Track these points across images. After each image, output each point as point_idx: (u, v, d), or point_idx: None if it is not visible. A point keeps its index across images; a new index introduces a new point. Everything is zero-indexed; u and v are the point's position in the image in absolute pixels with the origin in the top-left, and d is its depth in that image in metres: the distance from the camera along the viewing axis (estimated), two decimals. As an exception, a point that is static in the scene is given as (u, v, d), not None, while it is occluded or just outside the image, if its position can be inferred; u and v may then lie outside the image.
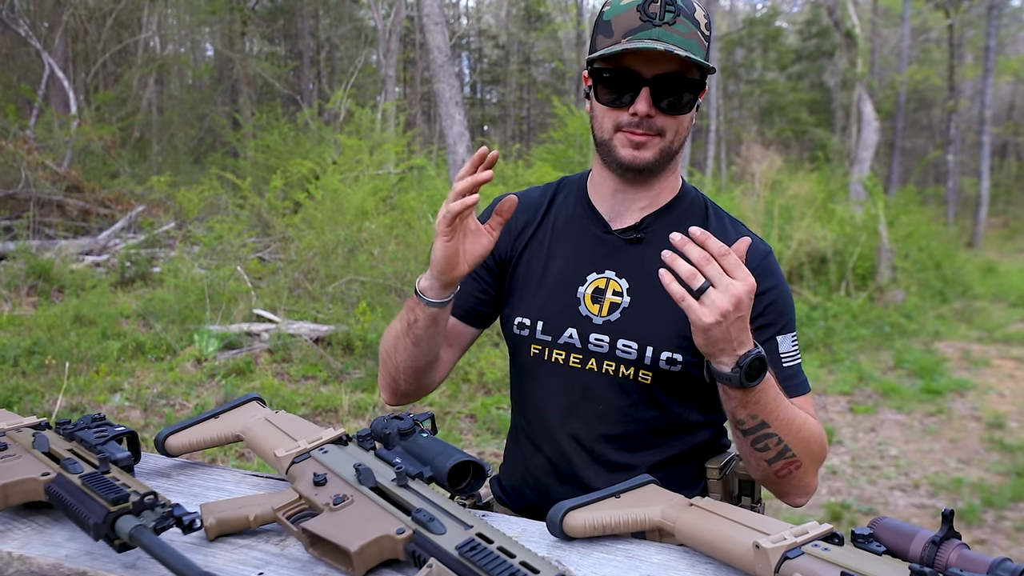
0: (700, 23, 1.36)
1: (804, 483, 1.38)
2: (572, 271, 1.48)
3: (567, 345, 1.45)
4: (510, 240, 1.57)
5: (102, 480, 0.96)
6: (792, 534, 0.86)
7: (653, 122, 1.35)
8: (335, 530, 0.91)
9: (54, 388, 5.92)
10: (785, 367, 1.40)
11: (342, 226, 9.00)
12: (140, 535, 0.86)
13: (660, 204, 1.48)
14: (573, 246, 1.51)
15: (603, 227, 1.49)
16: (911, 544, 0.83)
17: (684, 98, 1.36)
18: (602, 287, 1.45)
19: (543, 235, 1.55)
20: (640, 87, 1.33)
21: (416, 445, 1.06)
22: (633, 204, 1.48)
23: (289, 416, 1.20)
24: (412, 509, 0.92)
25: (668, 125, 1.37)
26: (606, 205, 1.50)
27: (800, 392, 1.41)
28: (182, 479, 1.19)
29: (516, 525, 1.05)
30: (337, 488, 0.99)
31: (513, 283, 1.55)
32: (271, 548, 0.97)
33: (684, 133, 1.41)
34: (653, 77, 1.33)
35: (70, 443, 1.12)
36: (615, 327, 1.42)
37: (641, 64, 1.33)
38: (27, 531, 1.00)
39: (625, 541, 0.99)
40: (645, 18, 1.32)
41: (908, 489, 4.96)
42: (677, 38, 1.31)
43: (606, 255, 1.47)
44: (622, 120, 1.37)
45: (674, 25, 1.32)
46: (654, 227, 1.46)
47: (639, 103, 1.33)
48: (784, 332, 1.41)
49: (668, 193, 1.49)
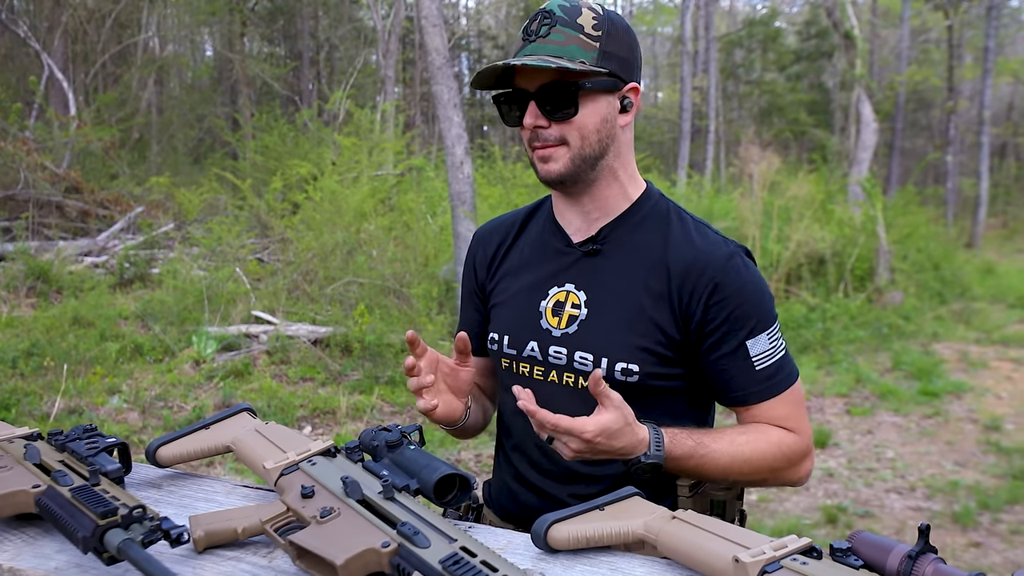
0: (584, 26, 1.38)
1: (785, 483, 1.46)
2: (536, 286, 1.52)
3: (530, 358, 1.49)
4: (485, 265, 1.64)
5: (92, 493, 0.97)
6: (771, 548, 0.87)
7: (550, 132, 1.40)
8: (321, 543, 0.92)
9: (52, 390, 5.93)
10: (759, 370, 1.40)
11: (341, 227, 9.01)
12: (128, 549, 0.87)
13: (615, 213, 1.49)
14: (538, 262, 1.55)
15: (565, 241, 1.52)
16: (888, 558, 0.84)
17: (564, 104, 1.38)
18: (562, 300, 1.48)
19: (514, 255, 1.61)
20: (528, 101, 1.39)
21: (403, 457, 1.08)
22: (586, 216, 1.50)
23: (279, 427, 1.21)
24: (398, 522, 0.93)
25: (567, 131, 1.39)
26: (564, 219, 1.54)
27: (775, 392, 1.41)
28: (172, 490, 1.20)
29: (502, 538, 1.06)
30: (324, 501, 1.01)
31: (491, 303, 1.62)
32: (259, 560, 0.98)
33: (595, 137, 1.40)
34: (536, 89, 1.38)
35: (61, 454, 1.13)
36: (572, 339, 1.45)
37: (526, 81, 1.40)
38: (17, 543, 1.01)
39: (609, 553, 1.00)
40: (525, 36, 1.40)
41: (904, 491, 4.98)
42: (550, 47, 1.36)
43: (566, 268, 1.50)
44: (528, 137, 1.43)
45: (548, 36, 1.37)
46: (611, 237, 1.48)
47: (526, 116, 1.40)
48: (755, 334, 1.40)
49: (621, 200, 1.49)
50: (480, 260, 1.66)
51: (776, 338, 1.43)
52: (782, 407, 1.42)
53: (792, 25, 29.13)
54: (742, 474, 1.37)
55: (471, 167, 8.19)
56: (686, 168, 17.21)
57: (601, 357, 1.42)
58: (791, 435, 1.42)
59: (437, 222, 9.85)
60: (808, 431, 1.46)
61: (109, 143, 12.83)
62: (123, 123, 15.13)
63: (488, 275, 1.63)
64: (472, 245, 1.69)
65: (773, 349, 1.42)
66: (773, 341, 1.42)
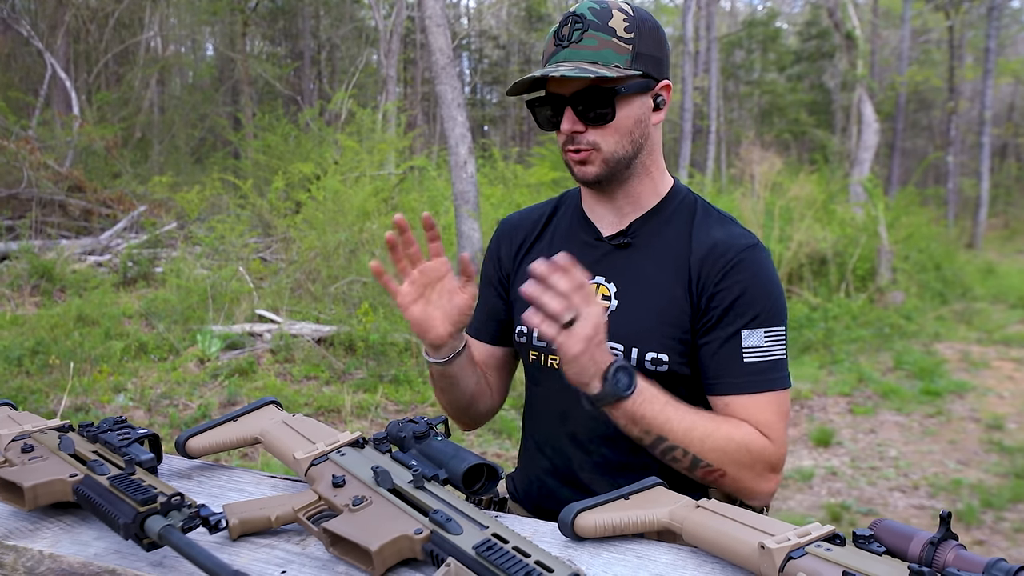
0: (616, 29, 1.39)
1: (744, 488, 1.36)
2: None
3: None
4: (511, 257, 1.65)
5: (130, 481, 0.99)
6: (796, 535, 0.90)
7: (584, 137, 1.41)
8: (355, 530, 0.94)
9: (58, 388, 5.95)
10: (746, 362, 1.38)
11: (343, 227, 9.03)
12: (169, 534, 0.89)
13: (646, 207, 1.52)
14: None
15: (594, 235, 1.54)
16: (910, 545, 0.86)
17: (601, 107, 1.40)
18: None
19: (541, 248, 1.61)
20: (564, 107, 1.41)
21: (431, 448, 1.10)
22: (617, 210, 1.52)
23: (306, 419, 1.24)
24: (429, 510, 0.96)
25: (603, 135, 1.41)
26: (594, 213, 1.56)
27: (759, 389, 1.37)
28: (203, 480, 1.22)
29: (528, 526, 1.08)
30: (355, 490, 1.03)
31: (514, 295, 1.62)
32: (292, 548, 1.00)
33: (628, 139, 1.43)
34: (571, 95, 1.39)
35: (94, 445, 1.16)
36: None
37: (560, 86, 1.41)
38: (56, 530, 1.03)
39: (634, 541, 1.02)
40: (558, 42, 1.40)
41: (907, 490, 5.00)
42: (584, 53, 1.37)
43: (596, 261, 1.52)
44: (562, 141, 1.44)
45: (581, 42, 1.38)
46: (641, 231, 1.51)
47: (564, 122, 1.41)
48: (753, 327, 1.39)
49: (652, 196, 1.52)
50: (505, 251, 1.67)
51: (775, 339, 1.40)
52: (761, 410, 1.37)
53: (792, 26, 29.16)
54: (701, 450, 1.32)
55: (474, 167, 8.21)
56: (687, 168, 17.23)
57: (631, 347, 1.44)
58: (764, 439, 1.35)
59: (439, 221, 9.87)
60: (783, 447, 1.38)
61: (112, 142, 12.86)
62: (125, 122, 15.15)
63: (514, 267, 1.65)
64: (496, 236, 1.70)
65: (768, 348, 1.40)
66: (771, 340, 1.40)
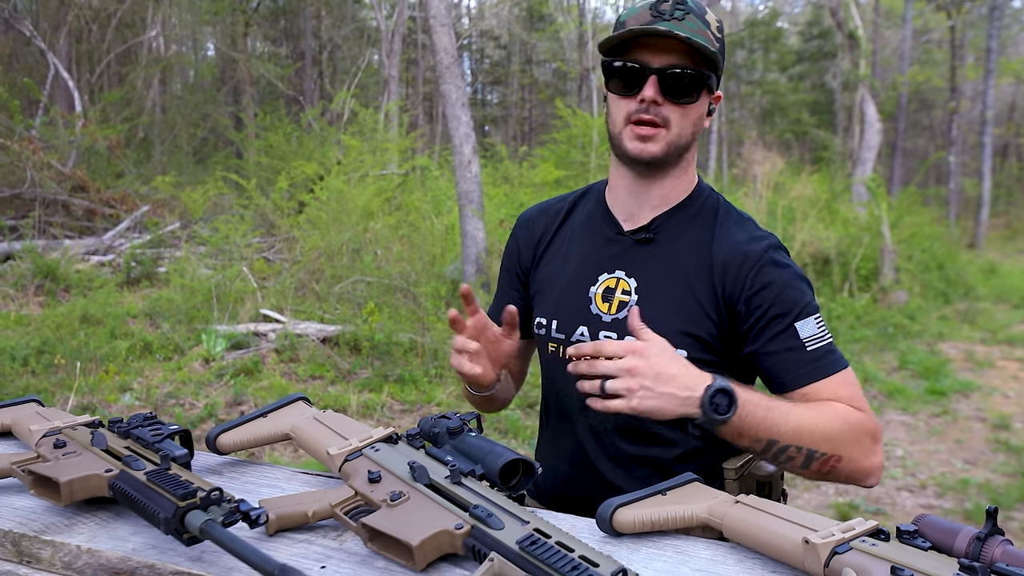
0: (711, 24, 1.42)
1: (859, 469, 1.35)
2: (585, 272, 1.54)
3: (579, 343, 1.50)
4: (531, 248, 1.66)
5: (167, 476, 0.99)
6: (839, 530, 0.89)
7: (660, 110, 1.42)
8: (395, 525, 0.94)
9: (64, 387, 5.95)
10: (809, 350, 1.39)
11: (347, 227, 9.03)
12: (211, 529, 0.89)
13: (672, 203, 1.53)
14: (587, 248, 1.57)
15: (616, 228, 1.55)
16: (956, 540, 0.86)
17: (690, 89, 1.42)
18: (612, 286, 1.51)
19: (561, 240, 1.62)
20: (648, 76, 1.41)
21: (465, 444, 1.09)
22: (645, 203, 1.52)
23: (337, 415, 1.23)
24: (469, 505, 0.95)
25: (674, 115, 1.42)
26: (620, 206, 1.56)
27: (831, 371, 1.38)
28: (234, 476, 1.22)
29: (564, 522, 1.08)
30: (392, 485, 1.03)
31: (534, 287, 1.64)
32: (330, 543, 1.00)
33: (692, 128, 1.46)
34: (660, 67, 1.40)
35: (125, 441, 1.15)
36: (622, 325, 1.47)
37: (649, 56, 1.41)
38: (92, 525, 1.03)
39: (672, 537, 1.02)
40: (655, 14, 1.41)
41: (915, 489, 4.99)
42: (685, 31, 1.38)
43: (617, 255, 1.52)
44: (631, 109, 1.43)
45: (683, 21, 1.39)
46: (664, 227, 1.51)
47: (647, 89, 1.40)
48: (802, 317, 1.40)
49: (680, 192, 1.53)
50: (524, 243, 1.68)
51: (823, 325, 1.43)
52: (840, 388, 1.37)
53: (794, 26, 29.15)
54: (812, 441, 1.30)
55: (478, 166, 8.21)
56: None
57: None
58: (858, 411, 1.35)
59: (442, 221, 9.87)
60: (874, 416, 1.38)
61: (114, 142, 12.85)
62: (128, 122, 15.15)
63: (533, 259, 1.66)
64: (516, 228, 1.72)
65: (822, 334, 1.41)
66: (820, 327, 1.42)
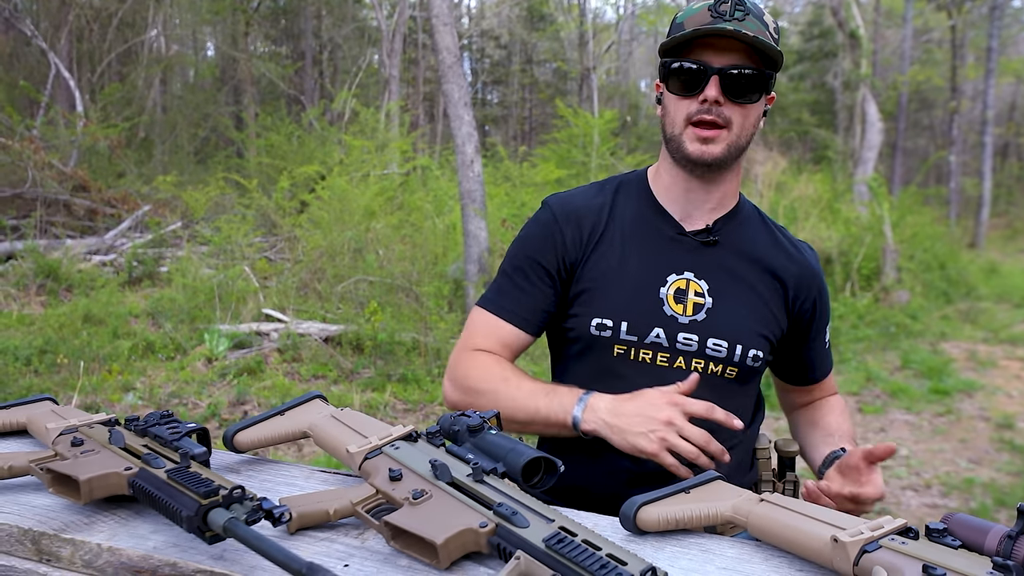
0: (769, 25, 1.43)
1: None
2: (651, 272, 1.51)
3: (654, 344, 1.49)
4: (580, 243, 1.55)
5: (188, 474, 0.98)
6: (868, 528, 0.88)
7: (722, 110, 1.41)
8: (418, 524, 0.93)
9: (67, 387, 5.94)
10: (827, 349, 1.71)
11: (349, 226, 9.02)
12: (235, 527, 0.88)
13: (727, 208, 1.55)
14: (648, 247, 1.53)
15: (676, 228, 1.54)
16: (986, 538, 0.85)
17: (752, 89, 1.42)
18: (683, 288, 1.50)
19: (612, 236, 1.55)
20: (710, 76, 1.40)
21: (486, 442, 1.09)
22: (703, 205, 1.53)
23: (355, 413, 1.23)
24: (492, 503, 0.95)
25: (736, 116, 1.42)
26: (676, 206, 1.54)
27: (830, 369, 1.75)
28: (252, 474, 1.21)
29: (586, 520, 1.07)
30: (414, 483, 1.02)
31: (583, 285, 1.54)
32: (351, 541, 0.99)
33: (751, 129, 1.46)
34: (722, 67, 1.40)
35: (143, 439, 1.15)
36: (703, 326, 1.48)
37: (711, 55, 1.41)
38: (111, 524, 1.02)
39: (697, 535, 1.01)
40: (715, 15, 1.40)
41: (920, 489, 4.99)
42: (749, 32, 1.38)
43: (683, 257, 1.52)
44: (692, 110, 1.42)
45: (743, 22, 1.39)
46: (724, 230, 1.54)
47: (709, 89, 1.40)
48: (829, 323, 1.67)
49: (732, 198, 1.57)
50: (572, 238, 1.55)
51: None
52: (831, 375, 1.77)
53: (795, 25, 29.14)
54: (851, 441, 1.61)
55: (481, 165, 8.20)
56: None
57: (736, 344, 1.49)
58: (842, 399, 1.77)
59: (444, 221, 9.86)
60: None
61: (116, 142, 12.84)
62: (129, 122, 15.14)
63: (583, 255, 1.55)
64: (557, 219, 1.57)
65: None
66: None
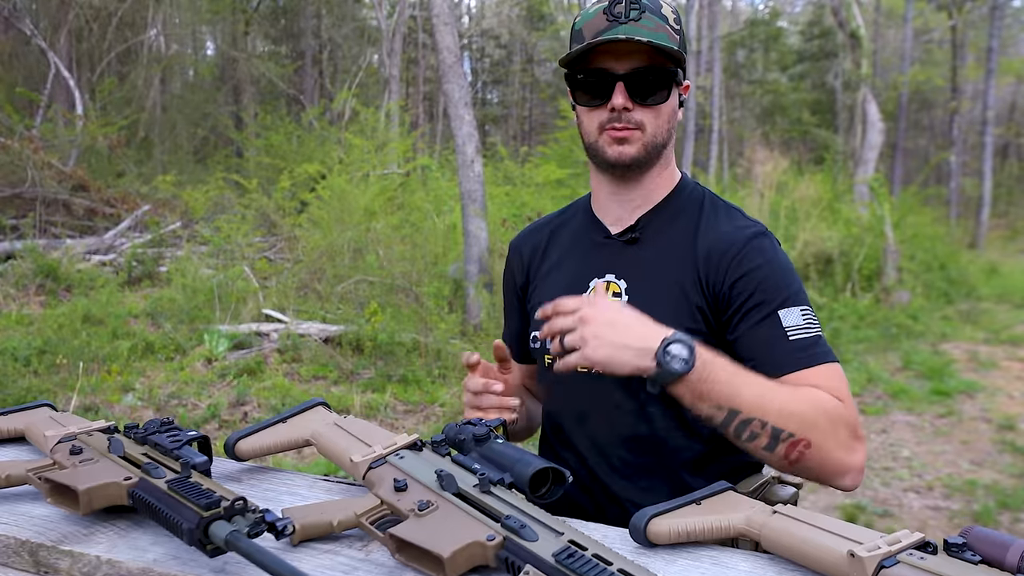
0: (668, 18, 1.40)
1: (832, 461, 1.26)
2: (577, 281, 1.52)
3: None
4: (523, 270, 1.66)
5: (189, 485, 0.96)
6: (885, 542, 0.86)
7: (632, 115, 1.40)
8: (424, 536, 0.91)
9: (67, 388, 5.92)
10: (792, 340, 1.33)
11: (349, 226, 9.00)
12: (237, 540, 0.86)
13: (655, 202, 1.51)
14: (577, 257, 1.56)
15: (603, 233, 1.53)
16: (1007, 553, 0.83)
17: (658, 88, 1.40)
18: (603, 291, 1.46)
19: (551, 255, 1.62)
20: (614, 83, 1.38)
21: (492, 451, 1.07)
22: (628, 204, 1.51)
23: (358, 421, 1.21)
24: (500, 516, 0.92)
25: (647, 118, 1.41)
26: (605, 211, 1.54)
27: (814, 363, 1.32)
28: (254, 483, 1.19)
29: (595, 532, 1.05)
30: (419, 494, 1.00)
31: (530, 306, 1.62)
32: (355, 553, 0.97)
33: (666, 126, 1.44)
34: (625, 72, 1.38)
35: (143, 447, 1.13)
36: None
37: (613, 62, 1.39)
38: (111, 535, 1.00)
39: (709, 548, 0.99)
40: (611, 18, 1.38)
41: (922, 491, 4.97)
42: (643, 32, 1.36)
43: (606, 259, 1.51)
44: (603, 118, 1.41)
45: (639, 21, 1.37)
46: (649, 226, 1.50)
47: (616, 97, 1.38)
48: (786, 306, 1.35)
49: (662, 190, 1.52)
50: (517, 266, 1.68)
51: (811, 317, 1.37)
52: (822, 379, 1.30)
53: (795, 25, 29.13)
54: (779, 419, 1.23)
55: (481, 165, 8.18)
56: (691, 167, 17.20)
57: None
58: (837, 400, 1.28)
59: (444, 221, 9.84)
60: (856, 411, 1.30)
61: (115, 141, 12.82)
62: (128, 121, 15.12)
63: (527, 279, 1.65)
64: (509, 255, 1.73)
65: (808, 326, 1.35)
66: (807, 318, 1.36)
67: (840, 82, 20.64)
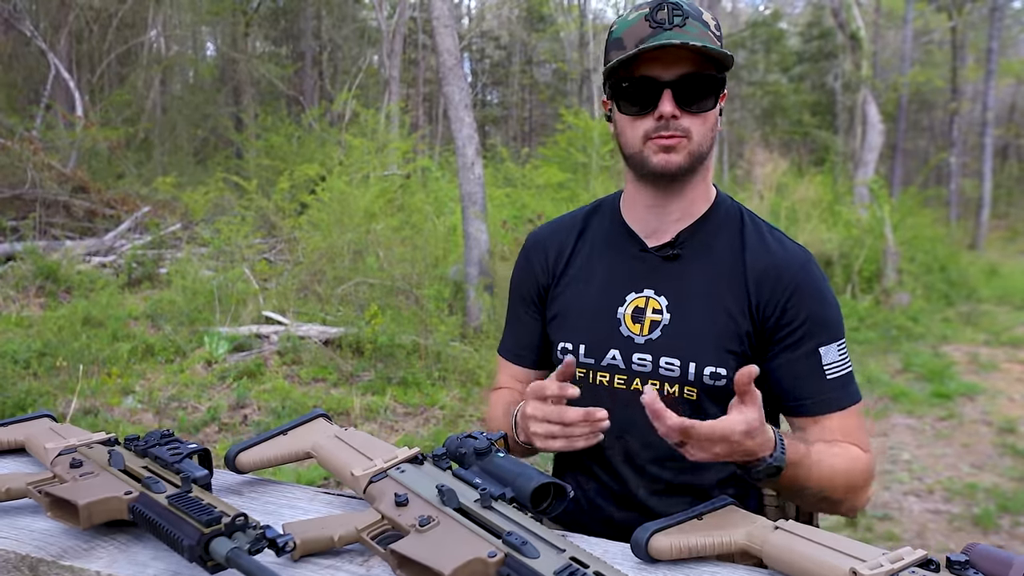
0: (710, 24, 1.39)
1: (851, 508, 1.39)
2: (611, 292, 1.49)
3: (610, 367, 1.45)
4: (548, 270, 1.59)
5: (189, 500, 0.96)
6: (887, 560, 0.86)
7: (679, 123, 1.37)
8: (425, 552, 0.91)
9: (66, 390, 5.91)
10: (829, 379, 1.38)
11: (349, 228, 9.00)
12: (238, 558, 0.86)
13: (695, 216, 1.48)
14: (610, 267, 1.51)
15: (639, 245, 1.49)
16: (1010, 572, 0.83)
17: (706, 95, 1.38)
18: (642, 306, 1.45)
19: (580, 259, 1.56)
20: (661, 90, 1.35)
21: (493, 465, 1.06)
22: (667, 217, 1.47)
23: (359, 433, 1.20)
24: (501, 532, 0.92)
25: (694, 125, 1.38)
26: (641, 222, 1.50)
27: (845, 404, 1.39)
28: (254, 496, 1.19)
29: (597, 547, 1.05)
30: (420, 509, 0.99)
31: (554, 310, 1.56)
32: (356, 569, 0.97)
33: (711, 134, 1.42)
34: (672, 79, 1.35)
35: (143, 460, 1.12)
36: (656, 345, 1.42)
37: (659, 69, 1.36)
38: (111, 550, 1.00)
39: (710, 564, 0.99)
40: (655, 25, 1.35)
41: (922, 494, 4.96)
42: (690, 38, 1.34)
43: (644, 274, 1.47)
44: (648, 127, 1.38)
45: (684, 27, 1.35)
46: (690, 242, 1.47)
47: (663, 105, 1.35)
48: (827, 342, 1.38)
49: (702, 204, 1.49)
50: (541, 265, 1.60)
51: (844, 353, 1.42)
52: (852, 425, 1.39)
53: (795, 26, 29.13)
54: (833, 489, 1.32)
55: (482, 168, 8.18)
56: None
57: (689, 362, 1.40)
58: (865, 455, 1.39)
59: (444, 222, 9.84)
60: (873, 453, 1.41)
61: (115, 143, 12.82)
62: (129, 123, 15.12)
63: (552, 280, 1.58)
64: (527, 250, 1.64)
65: (843, 362, 1.41)
66: (842, 354, 1.41)
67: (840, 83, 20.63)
